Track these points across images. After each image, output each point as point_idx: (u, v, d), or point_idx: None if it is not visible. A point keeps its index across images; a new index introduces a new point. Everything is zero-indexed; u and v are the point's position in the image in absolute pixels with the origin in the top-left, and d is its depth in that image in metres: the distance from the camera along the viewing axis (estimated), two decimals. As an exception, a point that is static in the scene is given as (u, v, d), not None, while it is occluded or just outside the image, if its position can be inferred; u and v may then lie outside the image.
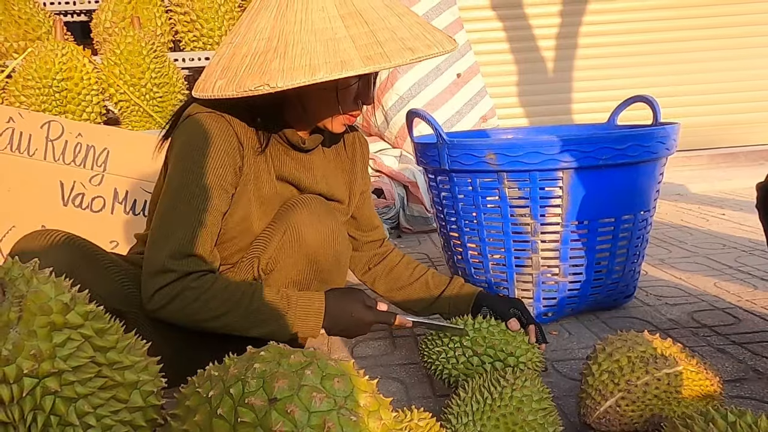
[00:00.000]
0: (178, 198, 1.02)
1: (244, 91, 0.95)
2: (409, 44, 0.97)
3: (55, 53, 1.67)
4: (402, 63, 0.95)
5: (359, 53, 0.94)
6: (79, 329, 0.55)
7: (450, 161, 1.58)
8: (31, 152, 1.67)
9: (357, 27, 0.96)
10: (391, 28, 0.98)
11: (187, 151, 1.03)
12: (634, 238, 1.61)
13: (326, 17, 0.96)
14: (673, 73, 4.28)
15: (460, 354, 1.15)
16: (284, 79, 0.92)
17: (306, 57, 0.93)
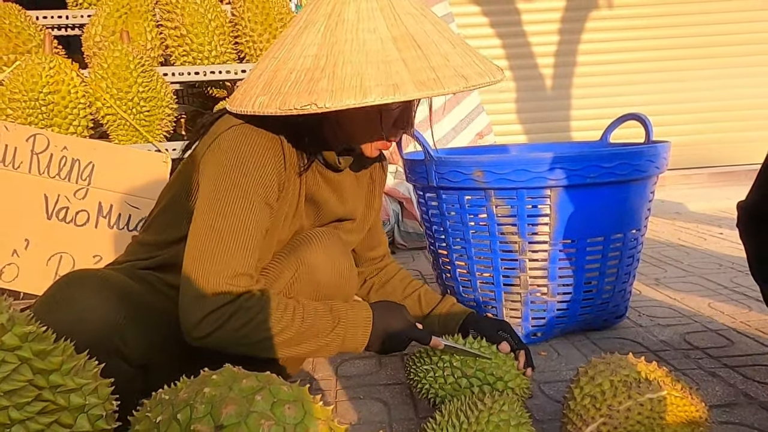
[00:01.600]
0: (225, 213, 0.94)
1: (288, 109, 0.90)
2: (462, 71, 0.94)
3: (43, 66, 1.66)
4: (455, 90, 0.92)
5: (412, 77, 0.90)
6: (16, 351, 0.53)
7: (438, 178, 1.56)
8: (16, 165, 1.66)
9: (409, 50, 0.93)
10: (444, 54, 0.95)
11: (234, 163, 0.96)
12: (625, 258, 1.58)
13: (378, 39, 0.93)
14: (671, 91, 4.27)
15: (448, 374, 1.11)
16: (333, 100, 0.88)
17: (357, 78, 0.89)
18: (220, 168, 0.97)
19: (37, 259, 1.63)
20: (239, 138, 0.98)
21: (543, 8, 4.23)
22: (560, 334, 1.61)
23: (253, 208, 0.96)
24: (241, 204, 0.95)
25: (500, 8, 4.22)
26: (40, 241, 1.67)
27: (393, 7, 0.97)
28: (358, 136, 1.08)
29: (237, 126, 0.99)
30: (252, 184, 0.96)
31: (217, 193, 0.95)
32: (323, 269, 1.09)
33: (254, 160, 0.97)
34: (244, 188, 0.96)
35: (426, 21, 0.99)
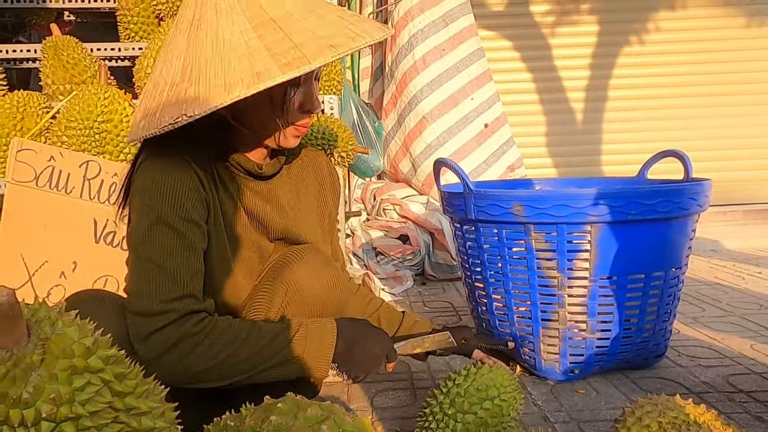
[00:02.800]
0: (151, 239, 0.95)
1: (163, 127, 0.90)
2: (332, 41, 0.91)
3: (98, 96, 1.74)
4: (325, 61, 0.89)
5: (276, 62, 0.88)
6: (99, 373, 0.55)
7: (476, 211, 1.58)
8: (68, 190, 1.72)
9: (271, 35, 0.91)
10: (311, 29, 0.92)
11: (148, 193, 0.97)
12: (665, 296, 1.57)
13: (238, 31, 0.91)
14: (706, 127, 4.24)
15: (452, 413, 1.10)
16: (200, 106, 0.87)
17: (220, 77, 0.88)
18: (139, 200, 0.98)
19: (83, 281, 1.68)
20: (148, 170, 0.99)
21: (574, 44, 4.27)
22: (598, 371, 1.59)
23: (178, 230, 0.96)
24: (165, 228, 0.96)
25: (531, 43, 4.27)
26: (87, 263, 1.72)
27: None
28: (263, 130, 1.05)
29: (145, 161, 1.00)
30: (170, 207, 0.96)
31: (141, 221, 0.97)
32: (309, 285, 1.08)
33: (167, 186, 0.97)
34: (165, 212, 0.96)
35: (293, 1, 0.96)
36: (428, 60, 3.11)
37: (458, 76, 3.12)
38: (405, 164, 3.24)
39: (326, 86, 2.01)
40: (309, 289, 1.08)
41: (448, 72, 3.10)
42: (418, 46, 3.13)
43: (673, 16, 4.23)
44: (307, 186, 1.23)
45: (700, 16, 4.22)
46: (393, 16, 3.25)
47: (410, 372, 1.68)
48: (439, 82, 3.10)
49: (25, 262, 1.71)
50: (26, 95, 1.84)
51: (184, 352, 0.92)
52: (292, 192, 1.19)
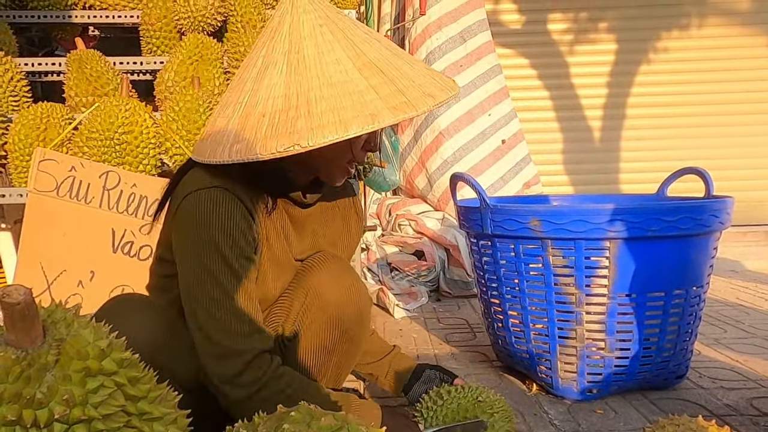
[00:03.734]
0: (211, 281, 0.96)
1: (271, 153, 0.90)
2: (427, 90, 0.95)
3: (119, 108, 1.76)
4: (426, 110, 0.93)
5: (385, 104, 0.91)
6: (113, 376, 0.55)
7: (493, 226, 1.57)
8: (88, 200, 1.74)
9: (375, 78, 0.94)
10: (408, 76, 0.96)
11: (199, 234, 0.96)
12: (686, 315, 1.53)
13: (343, 70, 0.93)
14: (725, 146, 4.19)
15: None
16: (315, 138, 0.88)
17: (334, 113, 0.89)
18: (191, 240, 0.97)
19: (100, 290, 1.69)
20: (198, 206, 0.97)
21: (591, 62, 4.26)
22: (617, 391, 1.56)
23: (236, 271, 0.97)
24: (224, 268, 0.96)
25: (549, 61, 4.27)
26: (104, 273, 1.73)
27: (348, 37, 0.97)
28: (328, 166, 1.06)
29: (194, 193, 0.98)
30: (227, 247, 0.96)
31: (197, 263, 0.96)
32: (329, 291, 1.09)
33: (219, 225, 0.96)
34: (222, 253, 0.96)
35: (379, 45, 0.99)
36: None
37: (476, 91, 3.12)
38: (421, 180, 3.24)
39: (344, 100, 2.02)
40: (328, 294, 1.09)
41: (466, 88, 3.10)
42: (435, 63, 3.14)
43: (691, 34, 4.21)
44: (334, 216, 1.25)
45: (718, 35, 4.19)
46: (410, 34, 3.28)
47: (424, 388, 1.66)
48: (456, 98, 3.10)
49: (44, 271, 1.73)
50: (50, 107, 1.88)
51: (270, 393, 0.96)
52: (320, 222, 1.21)
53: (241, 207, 0.99)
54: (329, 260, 1.14)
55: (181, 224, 1.00)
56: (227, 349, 0.95)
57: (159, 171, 1.84)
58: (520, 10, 4.29)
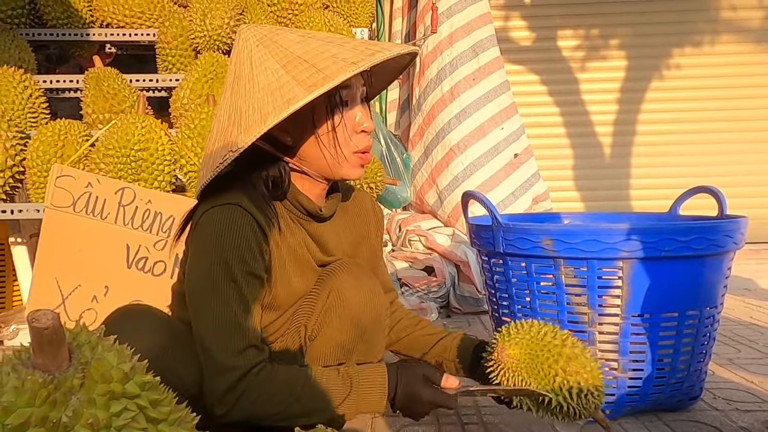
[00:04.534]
0: (215, 295, 1.00)
1: (215, 168, 0.99)
2: (352, 60, 0.97)
3: (136, 125, 1.79)
4: (346, 77, 0.95)
5: (302, 86, 0.95)
6: (136, 399, 0.56)
7: (505, 244, 1.57)
8: (104, 216, 1.77)
9: (297, 68, 0.98)
10: (333, 55, 0.99)
11: (212, 247, 1.01)
12: (700, 336, 1.52)
13: (270, 73, 0.99)
14: (738, 163, 4.17)
15: None
16: (242, 139, 0.96)
17: (257, 113, 0.97)
18: (201, 254, 1.02)
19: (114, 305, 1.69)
20: (211, 222, 1.02)
21: (602, 78, 4.28)
22: (630, 413, 1.54)
23: (240, 286, 1.01)
24: (229, 284, 1.00)
25: (559, 77, 4.29)
26: (118, 288, 1.75)
27: (281, 46, 1.02)
28: (331, 166, 1.08)
29: (209, 211, 1.03)
30: (234, 261, 1.00)
31: (206, 277, 1.00)
32: (351, 293, 1.12)
33: (229, 241, 1.00)
34: (228, 268, 1.00)
35: (313, 41, 1.03)
36: (456, 91, 3.14)
37: (488, 105, 3.13)
38: (431, 196, 3.25)
39: (356, 118, 2.04)
40: (349, 295, 1.12)
41: (478, 101, 3.11)
42: (446, 79, 3.16)
43: (703, 51, 4.22)
44: (355, 228, 1.27)
45: (730, 52, 4.20)
46: (422, 51, 3.31)
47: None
48: (467, 112, 3.11)
49: (59, 285, 1.75)
50: (67, 124, 1.91)
51: (250, 400, 0.98)
52: (339, 235, 1.24)
53: (252, 223, 1.03)
54: (351, 264, 1.18)
55: (195, 239, 1.05)
56: (219, 364, 0.98)
57: (174, 187, 1.86)
58: (530, 27, 4.32)
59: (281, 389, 1.01)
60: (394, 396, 1.06)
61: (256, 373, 1.00)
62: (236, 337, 0.99)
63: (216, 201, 1.04)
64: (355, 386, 1.04)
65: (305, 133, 1.06)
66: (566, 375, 1.07)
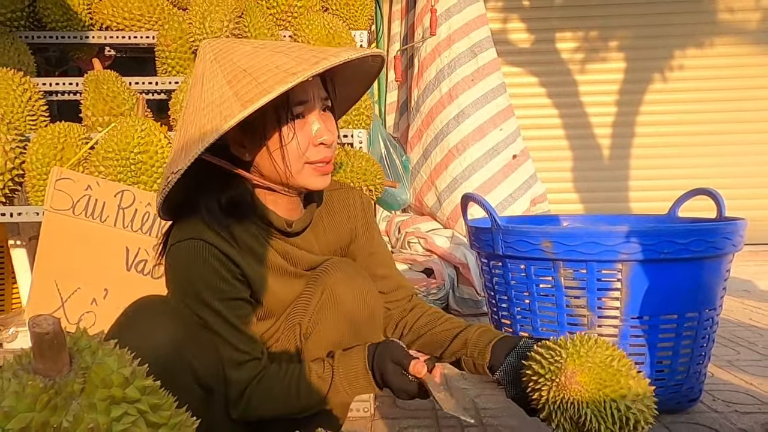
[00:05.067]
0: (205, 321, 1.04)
1: (162, 191, 1.00)
2: (293, 70, 0.94)
3: (135, 128, 1.79)
4: (284, 89, 0.92)
5: (239, 100, 0.94)
6: (136, 404, 0.56)
7: (504, 247, 1.57)
8: (103, 218, 1.77)
9: (240, 82, 0.97)
10: (276, 66, 0.96)
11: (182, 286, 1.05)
12: (699, 338, 1.53)
13: (216, 89, 0.99)
14: (737, 164, 4.18)
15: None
16: (183, 160, 0.95)
17: (198, 132, 0.96)
18: (176, 291, 1.07)
19: (113, 308, 1.69)
20: (177, 260, 1.05)
21: (601, 80, 4.28)
22: (630, 414, 1.55)
23: (221, 312, 1.04)
24: (209, 314, 1.04)
25: (558, 79, 4.29)
26: (118, 291, 1.74)
27: (231, 59, 1.00)
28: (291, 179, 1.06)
29: (173, 247, 1.05)
30: (208, 295, 1.03)
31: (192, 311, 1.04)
32: (344, 289, 1.12)
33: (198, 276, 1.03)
34: (203, 302, 1.03)
35: (265, 51, 1.00)
36: (455, 93, 3.14)
37: (487, 106, 3.13)
38: (430, 198, 3.25)
39: (356, 120, 2.04)
40: (343, 293, 1.12)
41: (477, 102, 3.11)
42: (445, 80, 3.17)
43: (702, 53, 4.23)
44: (341, 229, 1.24)
45: (729, 54, 4.21)
46: (420, 53, 3.31)
47: (434, 409, 1.65)
48: (466, 113, 3.11)
49: (58, 288, 1.74)
50: (67, 126, 1.90)
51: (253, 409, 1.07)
52: (323, 240, 1.22)
53: (217, 254, 1.04)
54: (344, 262, 1.18)
55: (167, 272, 1.09)
56: (229, 379, 1.06)
57: (173, 190, 1.85)
58: (529, 29, 4.32)
59: (280, 392, 1.06)
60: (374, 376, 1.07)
61: (257, 382, 1.06)
62: (232, 354, 1.05)
63: (179, 233, 1.06)
64: (337, 373, 1.06)
65: (258, 148, 1.04)
66: (627, 412, 0.97)
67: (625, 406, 0.96)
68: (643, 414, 0.98)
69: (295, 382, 1.07)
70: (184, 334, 1.00)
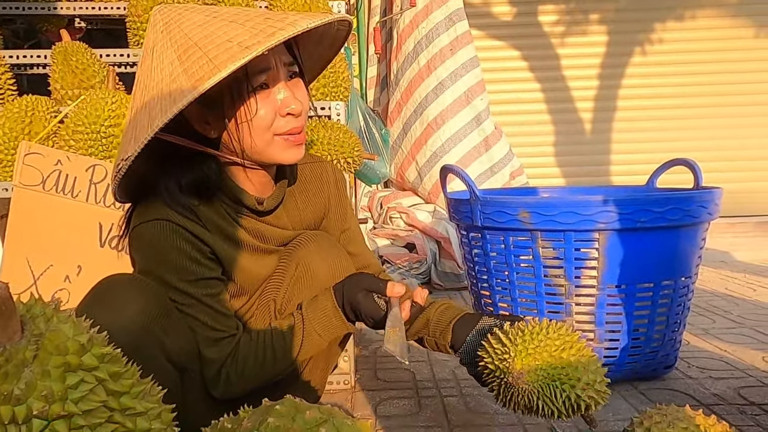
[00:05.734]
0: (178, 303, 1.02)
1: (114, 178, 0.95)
2: (246, 44, 0.88)
3: (106, 101, 1.74)
4: (236, 66, 0.86)
5: (189, 80, 0.88)
6: (94, 371, 0.54)
7: (483, 218, 1.57)
8: (75, 194, 1.72)
9: (191, 57, 0.91)
10: (228, 39, 0.90)
11: (148, 267, 1.01)
12: (675, 305, 1.54)
13: (166, 65, 0.93)
14: (716, 138, 4.21)
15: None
16: (132, 146, 0.90)
17: (146, 115, 0.91)
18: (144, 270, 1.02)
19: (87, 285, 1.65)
20: (141, 241, 1.01)
21: (582, 53, 4.26)
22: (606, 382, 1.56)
23: (190, 293, 1.01)
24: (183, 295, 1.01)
25: (539, 53, 4.27)
26: (92, 267, 1.71)
27: (182, 30, 0.94)
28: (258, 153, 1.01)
29: (137, 228, 1.01)
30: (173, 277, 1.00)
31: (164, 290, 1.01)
32: (318, 263, 1.11)
33: (163, 258, 1.00)
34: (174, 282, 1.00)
35: (218, 21, 0.94)
36: (433, 64, 3.11)
37: (466, 76, 3.10)
38: (411, 172, 3.23)
39: (333, 92, 2.00)
40: (317, 267, 1.11)
41: (455, 74, 3.08)
42: (423, 52, 3.13)
43: (683, 26, 4.22)
44: (314, 203, 1.21)
45: (709, 27, 4.21)
46: (398, 25, 3.26)
47: (415, 381, 1.66)
48: (444, 85, 3.09)
49: (30, 266, 1.71)
50: (35, 100, 1.85)
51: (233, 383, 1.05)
52: (295, 216, 1.19)
53: (184, 234, 1.00)
54: (316, 235, 1.16)
55: (132, 253, 1.05)
56: (202, 358, 1.05)
57: (146, 164, 1.81)
58: (511, 2, 4.28)
59: (255, 360, 1.05)
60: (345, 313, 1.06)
61: (232, 358, 1.04)
62: (207, 333, 1.03)
63: (143, 214, 1.01)
64: (307, 319, 1.06)
65: (222, 123, 0.98)
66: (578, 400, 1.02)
67: (576, 395, 1.01)
68: (593, 399, 1.04)
69: (269, 344, 1.06)
70: (155, 311, 0.98)
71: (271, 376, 1.08)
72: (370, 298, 1.04)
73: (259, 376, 1.06)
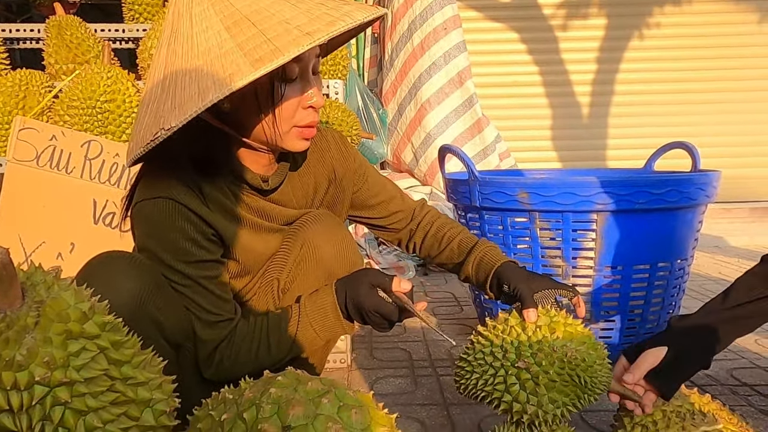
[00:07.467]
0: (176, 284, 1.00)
1: (146, 145, 0.88)
2: (307, 29, 0.85)
3: (101, 76, 1.72)
4: (299, 51, 0.83)
5: (248, 59, 0.84)
6: (95, 340, 0.54)
7: (481, 198, 1.56)
8: (69, 170, 1.71)
9: (244, 33, 0.87)
10: (285, 19, 0.87)
11: (148, 246, 0.98)
12: (670, 287, 1.55)
13: (212, 35, 0.88)
14: (713, 123, 4.21)
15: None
16: (176, 117, 0.85)
17: (194, 84, 0.85)
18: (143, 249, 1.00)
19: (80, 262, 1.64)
20: (143, 219, 0.98)
21: (581, 37, 4.24)
22: (601, 362, 1.58)
23: (188, 275, 0.99)
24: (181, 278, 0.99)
25: (538, 36, 4.24)
26: (85, 245, 1.70)
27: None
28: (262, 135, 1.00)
29: (140, 204, 0.98)
30: (171, 258, 0.97)
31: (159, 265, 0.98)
32: (324, 243, 1.10)
33: (164, 237, 0.97)
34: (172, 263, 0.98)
35: None
36: (427, 44, 3.08)
37: (460, 56, 3.09)
38: (407, 154, 3.22)
39: (332, 71, 1.98)
40: (322, 247, 1.10)
41: (449, 54, 3.06)
42: (417, 31, 3.11)
43: (682, 10, 4.20)
44: (317, 179, 1.20)
45: (708, 11, 4.18)
46: (393, 4, 3.23)
47: (411, 360, 1.67)
48: (438, 65, 3.07)
49: (22, 243, 1.69)
50: (28, 74, 1.82)
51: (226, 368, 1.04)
52: (299, 195, 1.17)
53: (187, 213, 0.98)
54: (322, 215, 1.14)
55: (134, 230, 1.02)
56: (197, 338, 1.03)
57: (142, 141, 1.80)
58: (511, -16, 4.24)
59: (249, 348, 1.04)
60: (347, 311, 1.05)
61: (227, 343, 1.03)
62: (203, 315, 1.02)
63: (147, 190, 0.98)
64: (304, 313, 1.05)
65: (245, 103, 0.95)
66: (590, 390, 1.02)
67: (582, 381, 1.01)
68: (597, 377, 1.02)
69: (265, 333, 1.05)
70: (150, 287, 0.96)
71: (263, 365, 1.03)
72: (374, 294, 1.03)
73: (251, 365, 1.05)
